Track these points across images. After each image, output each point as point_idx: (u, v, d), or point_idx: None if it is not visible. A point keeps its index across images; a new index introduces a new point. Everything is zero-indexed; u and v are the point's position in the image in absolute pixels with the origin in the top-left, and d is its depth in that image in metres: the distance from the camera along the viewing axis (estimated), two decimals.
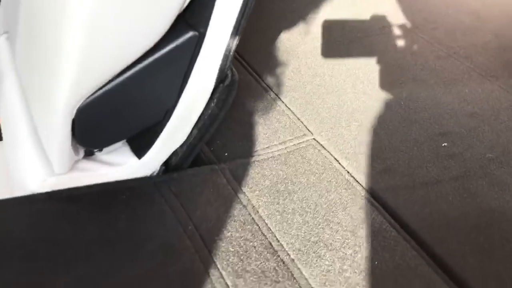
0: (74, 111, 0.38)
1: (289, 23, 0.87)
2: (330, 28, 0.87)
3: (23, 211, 0.39)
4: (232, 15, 0.40)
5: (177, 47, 0.40)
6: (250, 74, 0.72)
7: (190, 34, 0.39)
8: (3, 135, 0.53)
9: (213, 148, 0.57)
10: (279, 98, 0.68)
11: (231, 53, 0.42)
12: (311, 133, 0.62)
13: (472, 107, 0.71)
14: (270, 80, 0.71)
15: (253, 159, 0.56)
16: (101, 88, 0.38)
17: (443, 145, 0.63)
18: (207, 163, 0.55)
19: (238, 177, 0.53)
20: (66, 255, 0.36)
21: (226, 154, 0.57)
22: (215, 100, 0.48)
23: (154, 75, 0.40)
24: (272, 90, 0.69)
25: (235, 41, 0.41)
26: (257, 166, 0.55)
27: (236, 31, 0.41)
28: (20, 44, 0.49)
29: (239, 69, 0.72)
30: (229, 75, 0.46)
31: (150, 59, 0.39)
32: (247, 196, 0.50)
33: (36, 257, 0.35)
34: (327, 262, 0.44)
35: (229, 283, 0.39)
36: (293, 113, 0.65)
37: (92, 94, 0.38)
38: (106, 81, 0.37)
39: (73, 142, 0.42)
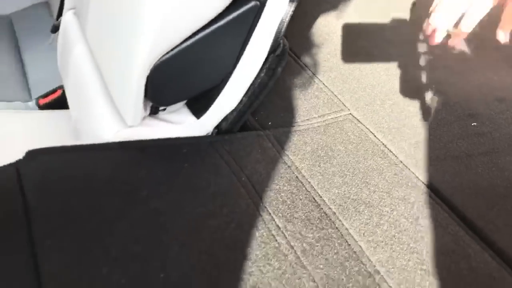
0: (149, 69, 0.44)
1: (325, 10, 0.92)
2: (364, 16, 0.91)
3: (101, 155, 0.44)
4: None
5: (239, 15, 0.45)
6: (289, 55, 0.77)
7: (252, 3, 0.44)
8: (73, 99, 0.59)
9: (257, 118, 0.62)
10: (316, 76, 0.72)
11: (286, 23, 0.47)
12: (348, 108, 0.66)
13: (501, 93, 0.74)
14: (307, 60, 0.76)
15: (294, 128, 0.61)
16: (173, 48, 0.43)
17: (472, 124, 0.66)
18: (253, 130, 0.59)
19: (282, 142, 0.57)
20: (142, 192, 0.41)
21: (269, 123, 0.61)
22: (264, 70, 0.53)
23: (217, 41, 0.45)
24: (309, 69, 0.74)
25: (291, 9, 0.46)
26: (298, 134, 0.60)
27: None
28: (92, 14, 0.55)
29: None
30: (281, 44, 0.51)
31: (216, 25, 0.44)
32: (291, 159, 0.55)
33: (119, 192, 0.41)
34: (365, 217, 0.49)
35: (280, 225, 0.44)
36: (330, 90, 0.70)
37: (165, 54, 0.43)
38: (180, 41, 0.42)
39: (143, 99, 0.47)
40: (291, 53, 0.79)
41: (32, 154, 0.41)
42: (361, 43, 0.84)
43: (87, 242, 0.36)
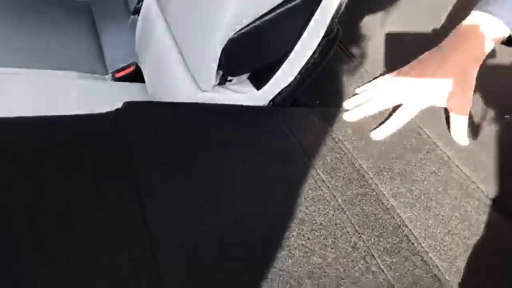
0: (225, 42, 0.53)
1: (379, 3, 0.99)
2: (415, 12, 0.97)
3: (188, 112, 0.54)
4: None
5: (296, 4, 0.53)
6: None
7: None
8: (152, 71, 0.70)
9: (306, 96, 0.70)
10: (362, 66, 0.80)
11: (342, 9, 0.55)
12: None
13: None
14: (355, 51, 0.83)
15: (339, 109, 0.69)
16: (249, 24, 0.52)
17: (505, 116, 0.72)
18: (302, 106, 0.68)
19: (327, 119, 0.65)
20: (217, 141, 0.51)
21: (317, 102, 0.70)
22: (318, 51, 0.61)
23: (285, 21, 0.54)
24: (356, 59, 0.81)
25: None
26: (342, 114, 0.68)
27: None
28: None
29: None
30: (335, 29, 0.59)
31: (286, 6, 0.53)
32: (335, 133, 0.63)
33: (196, 142, 0.50)
34: (398, 183, 0.56)
35: (324, 179, 0.52)
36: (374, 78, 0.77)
37: (241, 29, 0.52)
38: (255, 18, 0.51)
39: (216, 74, 0.57)
40: (339, 43, 0.87)
41: (130, 105, 0.51)
42: (406, 39, 0.91)
43: (182, 178, 0.45)
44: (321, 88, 0.73)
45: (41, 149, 0.44)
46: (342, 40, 0.86)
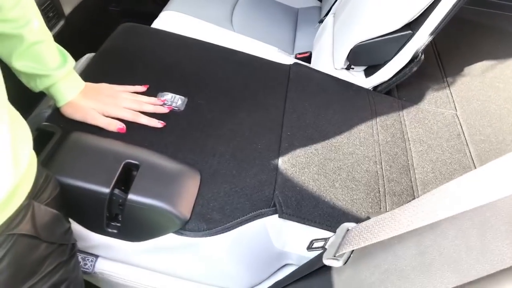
0: (353, 45, 1.02)
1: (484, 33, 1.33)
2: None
3: (329, 78, 1.05)
4: (438, 21, 0.96)
5: (396, 37, 0.98)
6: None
7: (407, 32, 0.98)
8: (316, 56, 1.23)
9: (398, 90, 1.14)
10: (447, 80, 1.18)
11: (425, 44, 0.98)
12: (456, 110, 1.11)
13: None
14: (446, 62, 1.21)
15: (417, 106, 1.10)
16: (368, 40, 1.00)
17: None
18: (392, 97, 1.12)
19: (404, 111, 1.08)
20: (337, 98, 1.01)
21: (403, 99, 1.12)
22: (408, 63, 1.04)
23: (390, 42, 1.00)
24: (443, 71, 1.20)
25: (432, 36, 0.97)
26: (417, 110, 1.09)
27: (435, 31, 0.97)
28: (342, 15, 1.16)
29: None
30: (420, 54, 1.02)
31: (392, 35, 0.99)
32: (405, 121, 1.05)
33: (326, 91, 1.01)
34: (431, 163, 0.97)
35: (378, 133, 0.97)
36: (450, 90, 1.15)
37: (363, 41, 1.00)
38: (373, 37, 0.99)
39: (345, 61, 1.06)
40: (438, 58, 1.25)
41: (296, 64, 1.05)
42: (494, 74, 1.22)
43: (313, 115, 0.97)
44: (409, 86, 1.14)
45: (232, 67, 1.00)
46: (439, 48, 1.25)
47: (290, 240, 0.77)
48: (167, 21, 1.32)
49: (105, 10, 1.72)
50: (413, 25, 0.98)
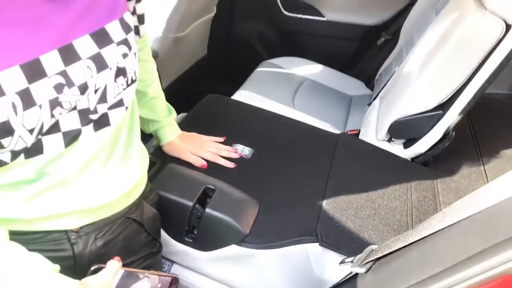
0: (393, 121, 1.23)
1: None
2: None
3: (370, 147, 1.26)
4: (464, 104, 1.15)
5: (429, 115, 1.19)
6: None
7: (439, 112, 1.18)
8: (362, 129, 1.46)
9: (434, 161, 1.30)
10: (483, 163, 1.32)
11: (455, 123, 1.17)
12: (487, 177, 1.24)
13: None
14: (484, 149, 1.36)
15: (452, 178, 1.25)
16: (402, 117, 1.21)
17: None
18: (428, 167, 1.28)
19: (439, 180, 1.23)
20: (377, 162, 1.21)
21: (439, 170, 1.28)
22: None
23: (422, 121, 1.20)
24: (482, 157, 1.34)
25: (461, 116, 1.16)
26: (449, 181, 1.24)
27: (463, 112, 1.16)
28: (386, 97, 1.39)
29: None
30: (451, 133, 1.20)
31: (423, 115, 1.19)
32: (438, 185, 1.20)
33: (366, 162, 1.21)
34: None
35: (411, 194, 1.13)
36: (484, 168, 1.28)
37: (400, 118, 1.22)
38: (407, 115, 1.20)
39: (386, 133, 1.27)
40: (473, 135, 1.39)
41: (342, 135, 1.27)
42: None
43: (354, 177, 1.18)
44: (445, 162, 1.30)
45: (290, 131, 1.24)
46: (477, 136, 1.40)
47: (328, 268, 0.93)
48: (241, 97, 1.63)
49: (189, 90, 2.10)
50: (444, 106, 1.18)
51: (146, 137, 1.23)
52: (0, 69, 0.51)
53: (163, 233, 0.93)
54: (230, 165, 1.03)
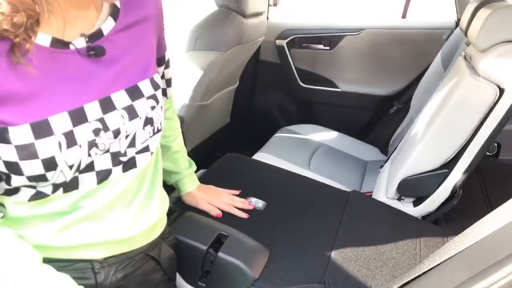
0: (400, 180, 1.29)
1: None
2: None
3: (383, 205, 1.32)
4: (468, 164, 1.21)
5: (435, 174, 1.24)
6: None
7: (444, 170, 1.23)
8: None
9: (445, 218, 1.32)
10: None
11: (461, 181, 1.22)
12: None
13: None
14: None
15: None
16: (408, 176, 1.27)
17: None
18: (436, 225, 1.31)
19: (450, 236, 1.26)
20: (391, 221, 1.26)
21: (450, 229, 1.30)
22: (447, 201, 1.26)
23: (430, 179, 1.25)
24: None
25: (466, 175, 1.21)
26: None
27: (467, 171, 1.21)
28: (395, 159, 1.46)
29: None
30: (458, 192, 1.25)
31: (432, 173, 1.25)
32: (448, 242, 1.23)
33: (378, 221, 1.26)
34: None
35: (420, 252, 1.16)
36: None
37: (408, 176, 1.28)
38: (414, 174, 1.26)
39: (396, 192, 1.33)
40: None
41: (354, 192, 1.33)
42: None
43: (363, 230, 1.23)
44: (457, 221, 1.32)
45: (303, 187, 1.31)
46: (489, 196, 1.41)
47: None
48: (259, 159, 1.74)
49: (213, 154, 2.23)
50: (449, 165, 1.24)
51: (169, 191, 1.36)
52: (52, 114, 0.63)
53: (178, 277, 0.98)
54: (244, 215, 1.10)
